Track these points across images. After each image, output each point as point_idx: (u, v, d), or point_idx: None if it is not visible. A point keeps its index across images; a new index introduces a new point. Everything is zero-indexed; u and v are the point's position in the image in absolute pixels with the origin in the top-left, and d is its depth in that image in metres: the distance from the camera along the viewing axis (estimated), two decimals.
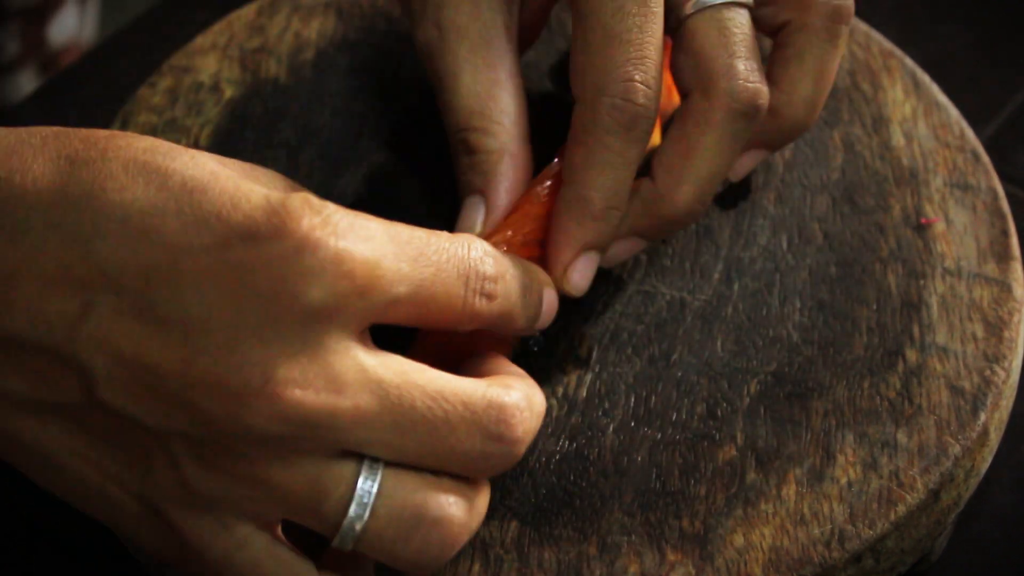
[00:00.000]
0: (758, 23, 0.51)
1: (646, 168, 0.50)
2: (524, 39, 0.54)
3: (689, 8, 0.50)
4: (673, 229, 0.51)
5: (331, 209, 0.41)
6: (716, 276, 0.53)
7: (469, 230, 0.51)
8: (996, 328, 0.52)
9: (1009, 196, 0.56)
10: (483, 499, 0.44)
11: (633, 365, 0.51)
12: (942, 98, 0.58)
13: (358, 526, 0.42)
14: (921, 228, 0.54)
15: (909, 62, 0.59)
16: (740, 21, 0.50)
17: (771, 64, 0.52)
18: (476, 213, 0.51)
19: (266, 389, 0.40)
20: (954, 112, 0.58)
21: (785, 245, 0.54)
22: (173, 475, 0.42)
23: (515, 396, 0.43)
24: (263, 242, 0.40)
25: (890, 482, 0.48)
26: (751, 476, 0.48)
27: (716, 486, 0.48)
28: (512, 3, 0.52)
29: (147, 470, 0.42)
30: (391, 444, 0.42)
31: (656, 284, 0.53)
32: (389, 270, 0.41)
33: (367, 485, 0.42)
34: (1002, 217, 0.54)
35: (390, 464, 0.42)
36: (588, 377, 0.51)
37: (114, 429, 0.42)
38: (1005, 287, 0.53)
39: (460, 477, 0.43)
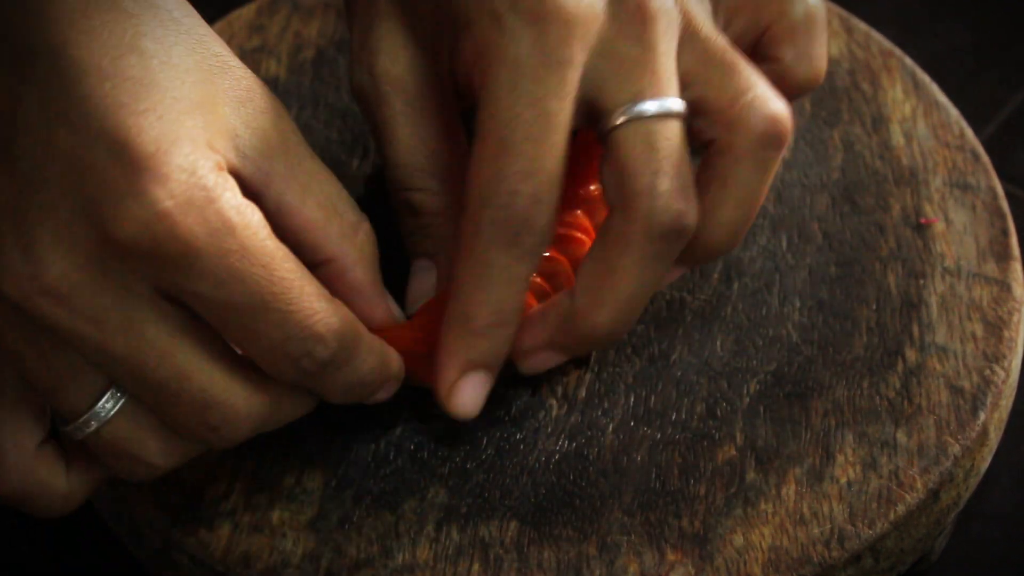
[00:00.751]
0: (690, 134, 0.47)
1: None
2: (467, 96, 0.50)
3: (616, 118, 0.46)
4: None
5: (203, 176, 0.41)
6: (716, 276, 0.53)
7: (423, 296, 0.50)
8: (996, 328, 0.52)
9: (1009, 196, 0.56)
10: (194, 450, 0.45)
11: (633, 365, 0.51)
12: (942, 98, 0.58)
13: (90, 428, 0.44)
14: (921, 228, 0.54)
15: (909, 62, 0.59)
16: (668, 134, 0.45)
17: (696, 182, 0.47)
18: (428, 279, 0.50)
19: (30, 275, 0.41)
20: (954, 112, 0.58)
21: (785, 245, 0.54)
22: None
23: (252, 404, 0.44)
24: (120, 160, 0.40)
25: (890, 482, 0.48)
26: (751, 476, 0.49)
27: (716, 486, 0.48)
28: (439, 59, 0.49)
29: None
30: (123, 383, 0.43)
31: None
32: (206, 267, 0.41)
33: (109, 401, 0.44)
34: (1002, 217, 0.55)
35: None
36: (588, 377, 0.51)
37: None
38: (1005, 287, 0.53)
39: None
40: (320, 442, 0.50)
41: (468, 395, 0.47)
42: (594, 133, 0.48)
